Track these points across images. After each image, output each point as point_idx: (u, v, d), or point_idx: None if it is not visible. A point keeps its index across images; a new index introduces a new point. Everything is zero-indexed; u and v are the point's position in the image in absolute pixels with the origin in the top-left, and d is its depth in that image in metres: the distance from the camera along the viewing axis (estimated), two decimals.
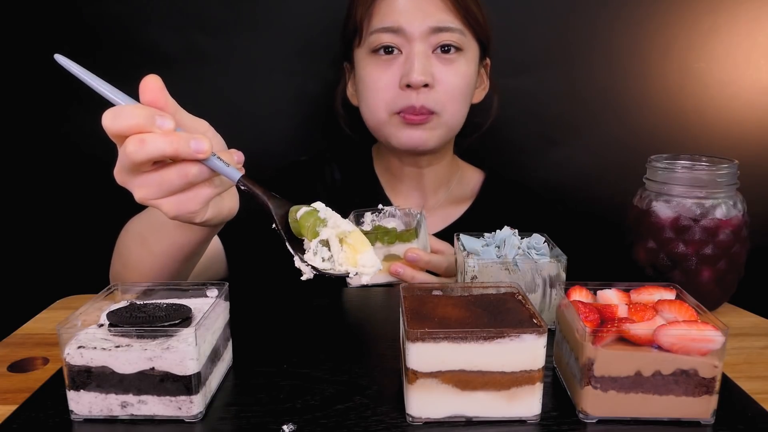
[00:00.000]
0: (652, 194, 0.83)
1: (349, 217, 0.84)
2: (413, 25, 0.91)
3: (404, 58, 0.93)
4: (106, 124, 0.57)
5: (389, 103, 0.95)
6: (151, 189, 0.57)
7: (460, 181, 1.10)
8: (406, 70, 0.92)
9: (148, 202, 0.58)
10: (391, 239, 0.79)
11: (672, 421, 0.53)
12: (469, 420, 0.53)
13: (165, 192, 0.57)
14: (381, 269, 0.69)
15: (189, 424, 0.53)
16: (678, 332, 0.51)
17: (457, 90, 0.95)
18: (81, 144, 1.20)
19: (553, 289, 0.70)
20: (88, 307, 0.57)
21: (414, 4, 0.92)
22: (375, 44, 0.94)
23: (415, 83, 0.91)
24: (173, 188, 0.57)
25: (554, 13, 1.16)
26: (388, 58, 0.94)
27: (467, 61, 0.96)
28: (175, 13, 1.15)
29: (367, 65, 0.96)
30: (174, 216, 0.59)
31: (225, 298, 0.62)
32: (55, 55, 0.61)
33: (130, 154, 0.54)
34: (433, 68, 0.93)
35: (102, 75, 0.66)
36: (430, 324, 0.53)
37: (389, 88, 0.94)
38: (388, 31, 0.93)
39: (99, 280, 0.70)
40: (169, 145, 0.55)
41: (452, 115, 0.96)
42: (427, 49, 0.93)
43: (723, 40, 1.16)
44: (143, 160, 0.55)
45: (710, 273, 0.80)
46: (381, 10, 0.94)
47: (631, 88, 1.19)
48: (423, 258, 0.80)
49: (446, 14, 0.92)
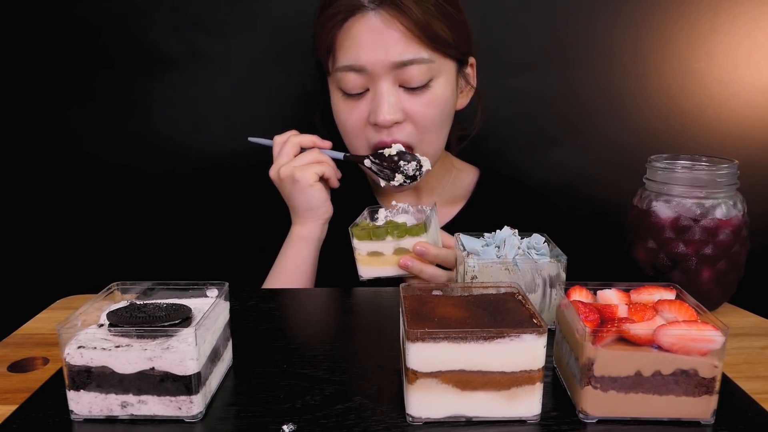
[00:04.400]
0: (652, 194, 0.83)
1: (364, 213, 0.86)
2: (375, 62, 0.87)
3: (371, 94, 0.90)
4: (277, 139, 0.97)
5: (365, 140, 0.94)
6: (293, 163, 0.92)
7: (455, 179, 1.09)
8: (373, 108, 0.89)
9: (287, 171, 0.92)
10: (401, 233, 0.80)
11: (672, 421, 0.53)
12: (469, 420, 0.53)
13: (300, 164, 0.92)
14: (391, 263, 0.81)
15: (189, 424, 0.53)
16: (678, 332, 0.51)
17: (430, 120, 0.91)
18: (81, 144, 1.20)
19: (553, 289, 0.70)
20: (88, 307, 0.57)
21: (374, 38, 0.87)
22: (341, 83, 0.91)
23: (383, 123, 0.89)
24: (305, 162, 0.93)
25: (554, 13, 1.16)
26: (356, 97, 0.92)
27: (440, 85, 0.91)
28: (175, 13, 1.15)
29: (338, 101, 0.94)
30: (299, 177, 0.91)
31: (225, 298, 0.62)
32: (249, 138, 1.00)
33: (292, 140, 0.95)
34: (403, 102, 0.90)
35: (102, 75, 0.66)
36: (430, 324, 0.53)
37: (361, 125, 0.93)
38: (351, 70, 0.89)
39: (99, 280, 0.70)
40: (314, 137, 0.96)
41: (430, 144, 0.94)
42: (393, 83, 0.89)
43: (723, 40, 1.16)
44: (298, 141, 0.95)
45: (710, 273, 0.80)
46: (343, 45, 0.89)
47: (631, 88, 1.19)
48: (431, 251, 0.80)
49: (410, 45, 0.87)
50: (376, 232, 0.80)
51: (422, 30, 0.86)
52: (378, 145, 0.92)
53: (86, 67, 1.18)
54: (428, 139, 0.93)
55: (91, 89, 1.18)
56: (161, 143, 1.21)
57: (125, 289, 0.63)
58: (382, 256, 0.81)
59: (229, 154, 1.20)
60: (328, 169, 0.93)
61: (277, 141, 0.96)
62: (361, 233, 0.80)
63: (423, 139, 0.93)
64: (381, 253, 0.81)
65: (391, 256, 0.81)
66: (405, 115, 0.90)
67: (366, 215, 0.86)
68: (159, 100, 1.19)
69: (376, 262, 0.81)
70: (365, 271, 0.82)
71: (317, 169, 0.92)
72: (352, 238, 0.81)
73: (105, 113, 1.19)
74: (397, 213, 0.85)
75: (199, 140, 1.21)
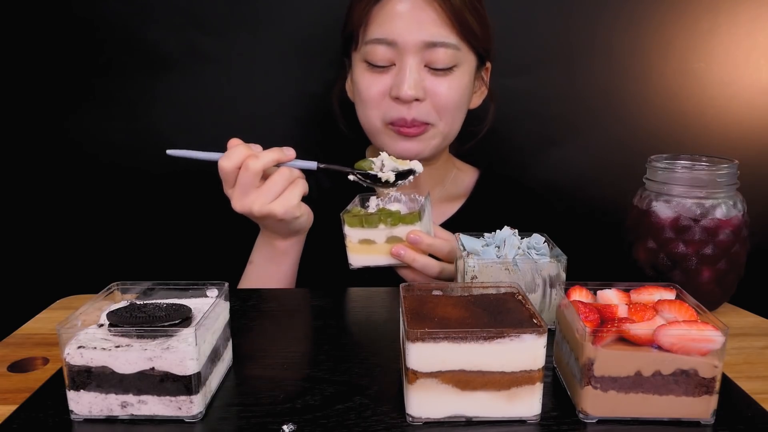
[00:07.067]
0: (652, 194, 0.83)
1: (355, 200, 0.85)
2: (407, 38, 0.90)
3: (397, 69, 0.93)
4: (224, 165, 0.78)
5: (382, 113, 0.95)
6: (266, 196, 0.79)
7: (455, 179, 1.10)
8: (397, 82, 0.92)
9: (264, 210, 0.79)
10: (395, 221, 0.79)
11: (672, 421, 0.53)
12: (469, 420, 0.53)
13: (274, 195, 0.79)
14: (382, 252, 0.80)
15: (189, 424, 0.53)
16: (678, 332, 0.51)
17: (450, 101, 0.94)
18: (81, 144, 1.20)
19: (553, 289, 0.70)
20: (88, 307, 0.57)
21: (409, 16, 0.90)
22: (369, 55, 0.94)
23: (405, 98, 0.91)
24: (279, 190, 0.79)
25: (554, 13, 1.16)
26: (380, 69, 0.94)
27: (462, 73, 0.95)
28: (175, 13, 1.15)
29: (361, 72, 0.96)
30: (282, 214, 0.79)
31: (225, 298, 0.62)
32: (167, 151, 0.84)
33: (252, 167, 0.77)
34: (425, 81, 0.92)
35: (102, 75, 0.67)
36: (430, 324, 0.53)
37: (381, 97, 0.94)
38: (381, 43, 0.92)
39: (99, 280, 0.70)
40: (275, 154, 0.79)
41: (447, 125, 0.96)
42: (420, 62, 0.92)
43: (723, 40, 1.16)
44: (261, 168, 0.78)
45: (710, 273, 0.80)
46: (377, 19, 0.92)
47: (631, 88, 1.19)
48: (425, 240, 0.79)
49: (442, 28, 0.91)
50: (368, 219, 0.79)
51: (455, 16, 0.90)
52: (396, 122, 0.94)
53: (86, 67, 1.17)
54: (446, 119, 0.95)
55: (90, 89, 1.18)
56: (161, 143, 1.21)
57: (125, 289, 0.63)
58: (373, 244, 0.80)
59: None
60: (305, 187, 0.83)
61: (225, 167, 0.78)
62: (353, 220, 0.79)
63: (441, 119, 0.95)
64: (373, 241, 0.79)
65: (383, 245, 0.80)
66: (426, 94, 0.93)
67: (357, 202, 0.85)
68: (159, 100, 1.19)
69: (368, 251, 0.80)
70: (356, 259, 0.81)
71: (297, 193, 0.81)
72: (344, 225, 0.79)
73: (105, 113, 1.19)
74: (389, 201, 0.84)
75: (199, 140, 1.20)
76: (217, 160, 0.79)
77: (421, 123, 0.93)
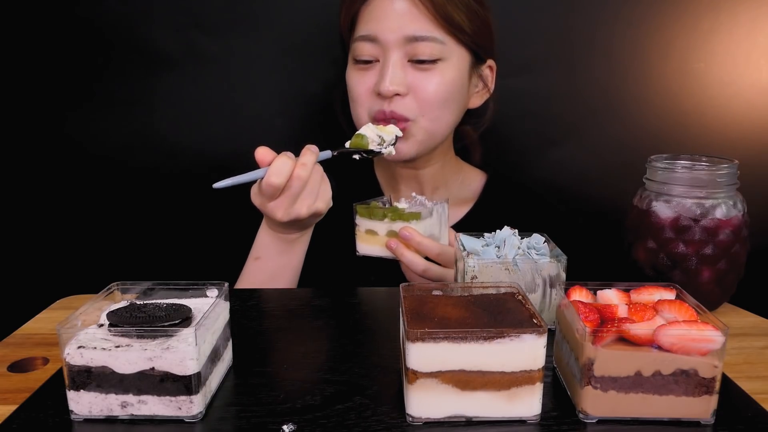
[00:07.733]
0: (652, 194, 0.83)
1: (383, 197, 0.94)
2: (388, 34, 0.91)
3: (380, 65, 0.94)
4: (276, 181, 0.77)
5: (367, 109, 0.96)
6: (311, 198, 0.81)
7: (462, 182, 1.09)
8: (379, 78, 0.93)
9: (311, 211, 0.81)
10: (395, 217, 0.84)
11: (672, 421, 0.53)
12: (469, 420, 0.53)
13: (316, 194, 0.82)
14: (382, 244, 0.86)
15: (189, 424, 0.53)
16: (678, 332, 0.51)
17: (434, 97, 0.93)
18: (82, 144, 1.20)
19: (553, 289, 0.70)
20: (88, 307, 0.57)
21: (392, 12, 0.91)
22: (356, 53, 0.95)
23: (385, 92, 0.91)
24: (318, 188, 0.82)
25: (554, 13, 1.16)
26: (366, 66, 0.95)
27: (448, 68, 0.94)
28: (175, 13, 1.15)
29: (351, 70, 0.98)
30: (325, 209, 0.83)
31: (225, 298, 0.62)
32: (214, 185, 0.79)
33: (304, 176, 0.79)
34: (408, 77, 0.92)
35: (102, 75, 0.67)
36: (430, 324, 0.53)
37: (367, 94, 0.95)
38: (365, 40, 0.93)
39: (99, 280, 0.70)
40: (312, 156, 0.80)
41: (430, 121, 0.95)
42: (403, 57, 0.92)
43: (723, 40, 1.16)
44: (309, 175, 0.79)
45: (710, 273, 0.80)
46: (363, 17, 0.94)
47: (631, 88, 1.19)
48: (414, 238, 0.82)
49: (424, 23, 0.91)
50: (374, 211, 0.85)
51: (438, 10, 0.90)
52: (376, 115, 0.94)
53: (86, 67, 1.18)
54: (430, 115, 0.94)
55: (90, 89, 1.18)
56: (161, 143, 1.21)
57: (125, 289, 0.63)
58: (376, 235, 0.86)
59: (229, 155, 1.19)
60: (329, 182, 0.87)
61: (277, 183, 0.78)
62: (362, 210, 0.86)
63: (424, 114, 0.94)
64: (376, 232, 0.86)
65: (384, 237, 0.85)
66: (408, 89, 0.93)
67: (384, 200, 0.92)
68: (159, 100, 1.19)
69: (371, 241, 0.87)
70: (362, 247, 0.88)
71: (328, 187, 0.85)
72: (355, 214, 0.87)
73: (105, 113, 1.19)
74: (414, 204, 0.89)
75: (199, 140, 1.21)
76: (263, 177, 0.79)
77: (400, 117, 0.93)
